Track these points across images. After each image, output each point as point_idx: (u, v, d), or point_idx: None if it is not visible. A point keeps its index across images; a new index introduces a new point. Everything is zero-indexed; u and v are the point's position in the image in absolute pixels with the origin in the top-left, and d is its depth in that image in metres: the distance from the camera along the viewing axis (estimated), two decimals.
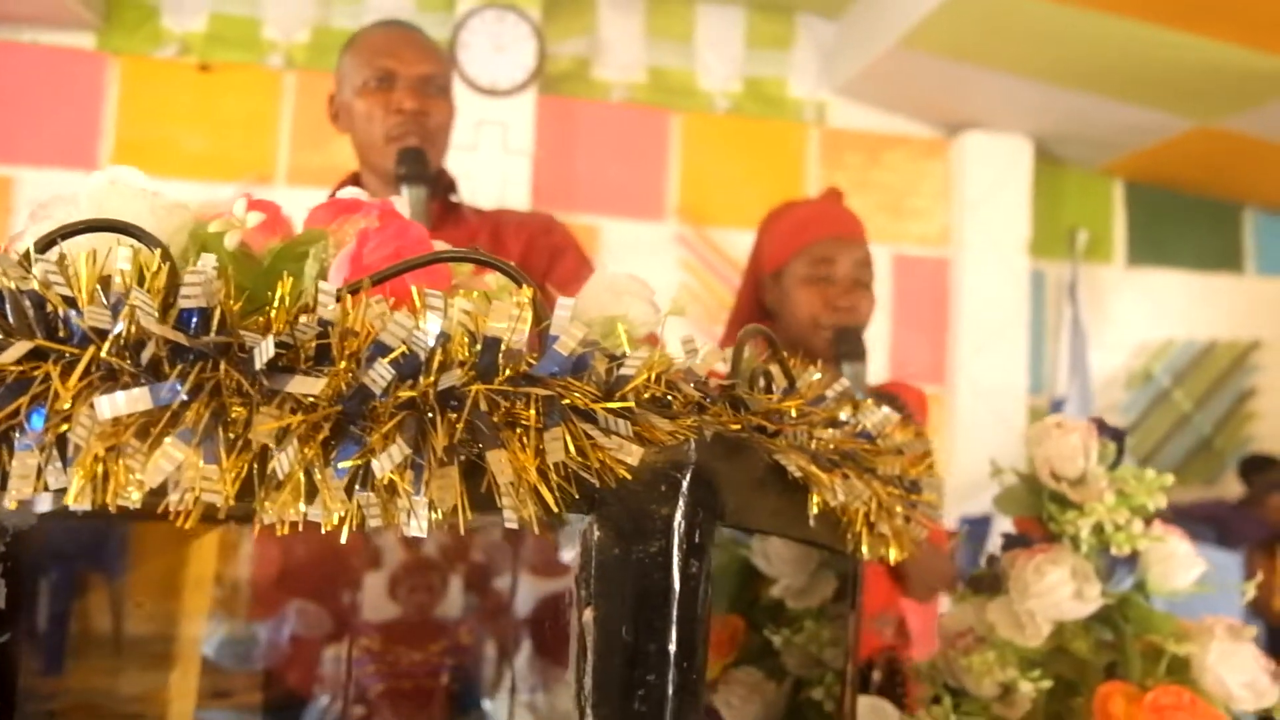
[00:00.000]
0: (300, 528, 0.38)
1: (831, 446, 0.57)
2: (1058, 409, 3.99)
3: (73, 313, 0.36)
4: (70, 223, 0.40)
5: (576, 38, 3.83)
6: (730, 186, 3.93)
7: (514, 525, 0.39)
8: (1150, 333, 4.09)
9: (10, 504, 0.35)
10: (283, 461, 0.35)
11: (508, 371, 0.40)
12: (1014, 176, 3.95)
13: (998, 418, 3.97)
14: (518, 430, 0.40)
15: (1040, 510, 0.81)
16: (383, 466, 0.36)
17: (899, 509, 0.63)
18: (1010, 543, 0.84)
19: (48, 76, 3.21)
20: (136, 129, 3.30)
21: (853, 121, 3.99)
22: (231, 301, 0.38)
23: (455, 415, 0.38)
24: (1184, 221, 4.16)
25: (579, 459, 0.39)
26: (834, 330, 1.30)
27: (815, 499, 0.54)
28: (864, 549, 0.63)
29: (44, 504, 0.42)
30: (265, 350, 0.35)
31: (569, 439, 0.39)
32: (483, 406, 0.38)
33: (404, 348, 0.37)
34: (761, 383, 0.52)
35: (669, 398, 0.45)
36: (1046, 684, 0.73)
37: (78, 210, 0.47)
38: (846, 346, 1.29)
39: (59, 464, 0.36)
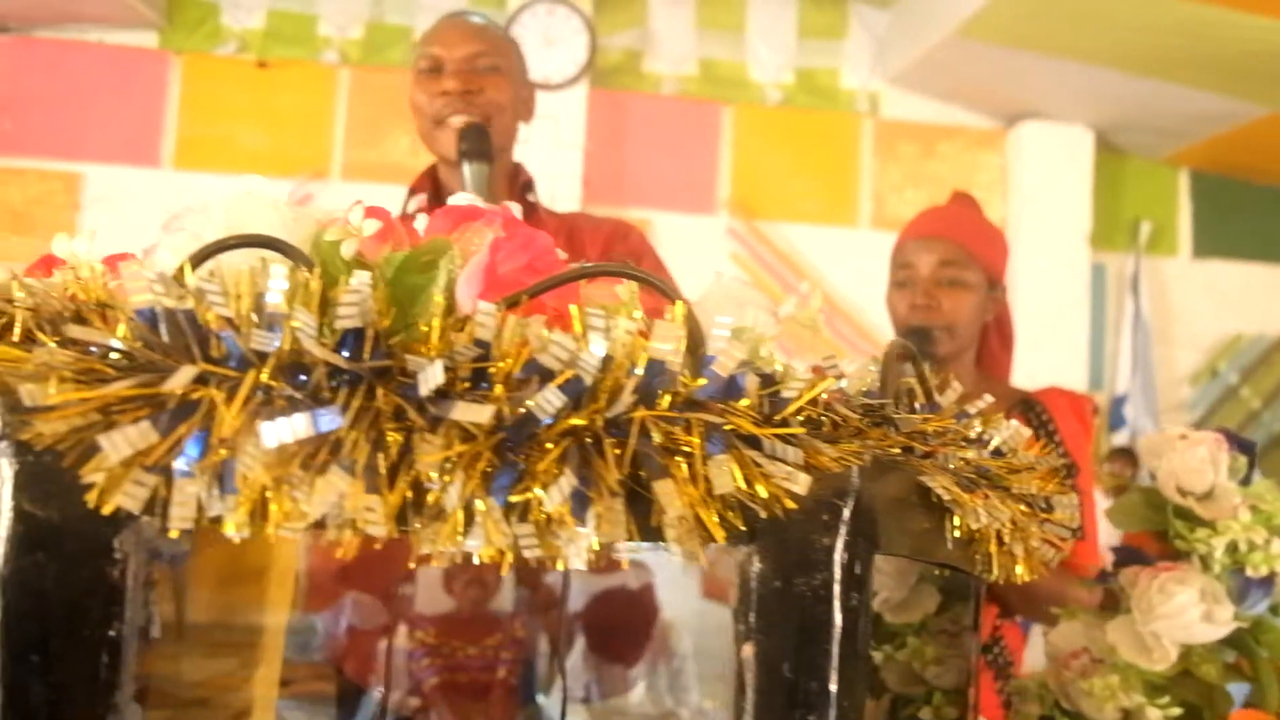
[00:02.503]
0: (457, 559, 0.36)
1: (969, 465, 0.54)
2: (1119, 406, 3.89)
3: (230, 334, 0.34)
4: (225, 239, 0.39)
5: (627, 30, 3.80)
6: (782, 179, 3.88)
7: (679, 558, 0.37)
8: (1217, 327, 3.96)
9: (173, 533, 0.34)
10: (451, 495, 0.33)
11: (666, 396, 0.38)
12: (1074, 167, 3.85)
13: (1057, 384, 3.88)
14: (677, 457, 0.38)
15: (1160, 525, 0.77)
16: (552, 499, 0.34)
17: (1034, 529, 0.60)
18: (1125, 558, 0.81)
19: (113, 75, 3.27)
20: (197, 125, 3.35)
21: (907, 112, 3.92)
22: (383, 319, 0.37)
23: (619, 443, 0.36)
24: (1252, 212, 4.02)
25: (745, 488, 0.37)
26: (904, 331, 1.27)
27: (957, 522, 0.52)
28: (994, 570, 0.60)
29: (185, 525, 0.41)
30: (432, 376, 0.34)
31: (736, 467, 0.37)
32: (649, 434, 0.36)
33: (570, 371, 0.35)
34: (906, 401, 0.49)
35: (822, 419, 0.43)
36: (1175, 711, 0.69)
37: (211, 222, 0.45)
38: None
39: (216, 491, 0.35)
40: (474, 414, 0.33)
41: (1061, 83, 3.64)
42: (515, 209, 0.60)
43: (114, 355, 0.36)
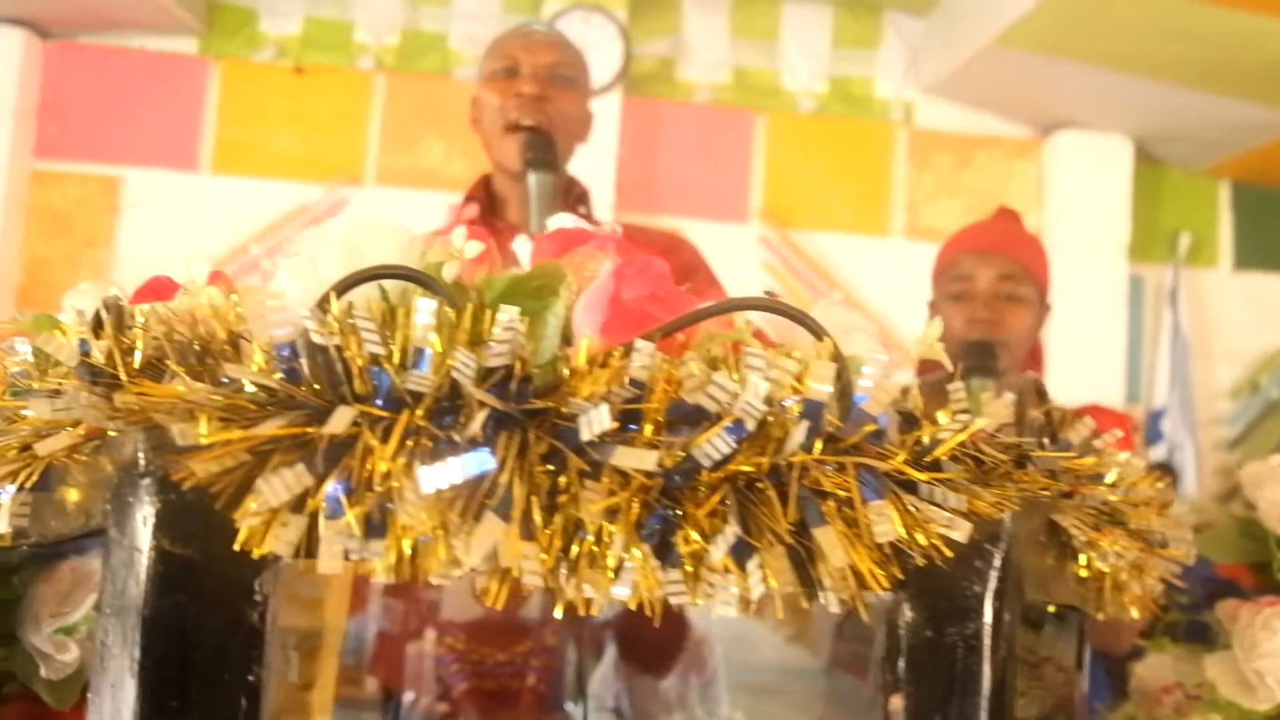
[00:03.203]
0: (600, 608, 0.35)
1: (1094, 501, 0.52)
2: (1156, 420, 3.83)
3: (382, 372, 0.33)
4: (370, 269, 0.38)
5: (661, 38, 3.79)
6: (815, 188, 3.85)
7: (835, 609, 0.35)
8: (1258, 340, 3.90)
9: (321, 573, 0.33)
10: (616, 544, 0.32)
11: (819, 439, 0.36)
12: (1112, 177, 3.79)
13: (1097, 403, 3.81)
14: (829, 502, 0.36)
15: (1259, 557, 0.75)
16: (718, 549, 0.32)
17: (1151, 565, 0.58)
18: (1219, 590, 0.78)
19: (153, 80, 3.30)
20: (234, 130, 3.37)
21: (941, 121, 3.88)
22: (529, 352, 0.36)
23: (778, 489, 0.35)
24: None
25: (906, 536, 0.35)
26: (966, 345, 1.25)
27: (1083, 561, 0.50)
28: (1106, 608, 0.58)
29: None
30: (598, 420, 0.32)
31: (895, 514, 0.35)
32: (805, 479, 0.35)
33: (734, 415, 0.33)
34: (1038, 436, 0.48)
35: (964, 459, 0.41)
36: None
37: (328, 247, 0.44)
38: (974, 361, 1.23)
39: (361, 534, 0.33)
40: (639, 460, 0.32)
41: (1100, 92, 3.60)
42: (616, 228, 0.59)
43: (250, 389, 0.35)
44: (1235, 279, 3.93)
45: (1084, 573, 0.50)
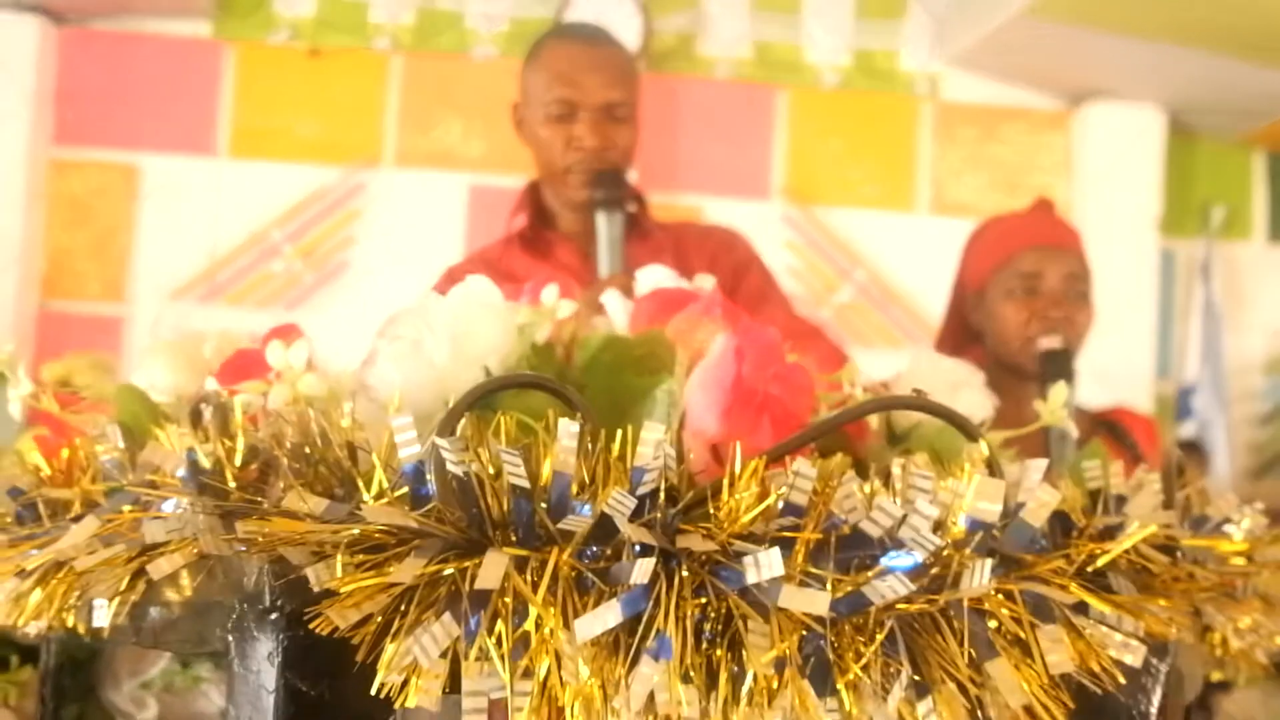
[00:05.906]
0: None
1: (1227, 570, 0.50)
2: (1187, 396, 3.78)
3: (527, 506, 0.31)
4: (497, 379, 0.35)
5: (680, 13, 3.72)
6: (838, 164, 3.79)
7: None
8: None
9: None
10: (786, 696, 0.29)
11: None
12: (1143, 149, 3.72)
13: (1122, 404, 3.77)
14: (991, 626, 0.34)
15: None
16: (894, 696, 0.30)
17: (1274, 632, 0.55)
18: None
19: (168, 65, 3.25)
20: (250, 114, 3.33)
21: (968, 94, 3.80)
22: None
23: (943, 617, 0.32)
24: None
25: (1081, 664, 0.33)
26: (1042, 352, 1.23)
27: (1219, 640, 0.47)
28: (1221, 671, 0.55)
29: None
30: (768, 565, 0.30)
31: (1069, 640, 0.33)
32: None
33: (907, 549, 0.31)
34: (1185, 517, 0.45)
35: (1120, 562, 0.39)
36: None
37: (433, 332, 0.42)
38: (1053, 368, 1.21)
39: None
40: (810, 603, 0.30)
41: (1131, 62, 3.52)
42: (708, 281, 0.56)
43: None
44: (1270, 251, 3.85)
45: (1219, 652, 0.47)
